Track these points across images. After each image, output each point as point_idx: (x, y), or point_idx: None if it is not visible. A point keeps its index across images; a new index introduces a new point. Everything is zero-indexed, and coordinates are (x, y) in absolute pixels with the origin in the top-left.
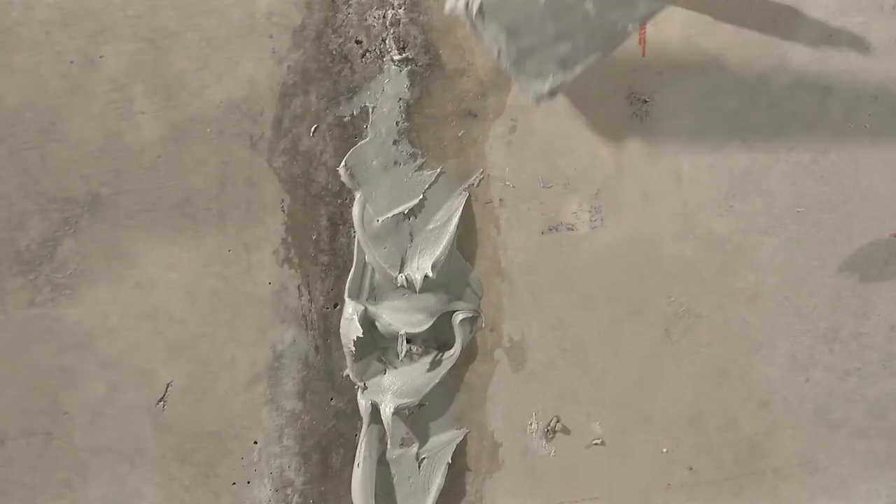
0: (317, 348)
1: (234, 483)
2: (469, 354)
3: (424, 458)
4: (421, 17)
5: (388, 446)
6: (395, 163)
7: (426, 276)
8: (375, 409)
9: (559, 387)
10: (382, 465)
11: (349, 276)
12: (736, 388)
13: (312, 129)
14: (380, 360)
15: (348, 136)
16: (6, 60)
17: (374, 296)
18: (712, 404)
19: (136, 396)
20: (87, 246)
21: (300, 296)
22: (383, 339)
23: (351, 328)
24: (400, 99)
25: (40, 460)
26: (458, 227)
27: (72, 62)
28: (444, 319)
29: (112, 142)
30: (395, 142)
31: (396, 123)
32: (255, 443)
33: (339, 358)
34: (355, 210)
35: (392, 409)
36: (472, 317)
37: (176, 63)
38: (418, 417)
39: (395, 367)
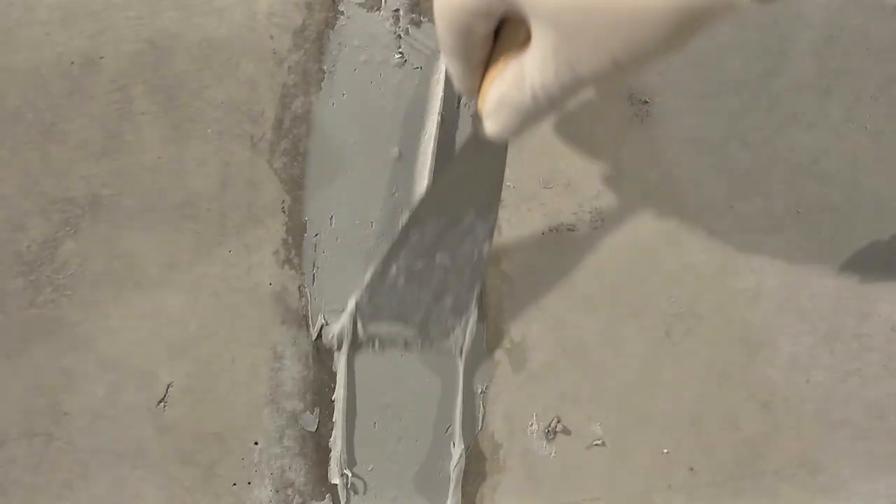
0: (318, 349)
1: (234, 484)
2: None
3: None
4: (421, 18)
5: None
6: None
7: None
8: None
9: (559, 388)
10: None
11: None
12: (736, 389)
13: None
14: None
15: None
16: (7, 61)
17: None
18: (713, 405)
19: (136, 397)
20: (88, 247)
21: (301, 296)
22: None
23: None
24: None
25: (41, 461)
26: None
27: (72, 63)
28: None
29: (113, 142)
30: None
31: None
32: (256, 443)
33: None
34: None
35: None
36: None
37: (176, 64)
38: None
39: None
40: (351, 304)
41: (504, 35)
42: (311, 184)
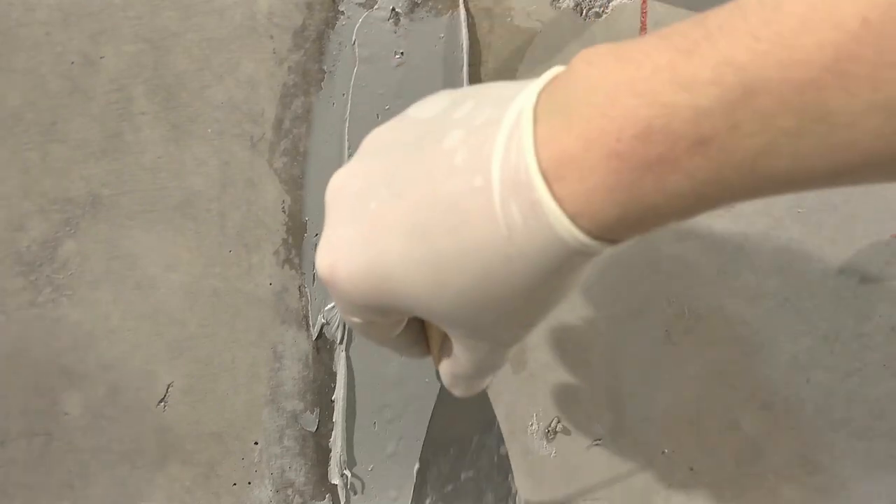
0: (317, 349)
1: (234, 483)
2: None
3: None
4: (423, 18)
5: None
6: None
7: None
8: None
9: (560, 387)
10: None
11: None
12: (736, 389)
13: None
14: None
15: None
16: (7, 61)
17: None
18: (713, 405)
19: (136, 397)
20: (88, 247)
21: (301, 296)
22: None
23: None
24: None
25: (41, 461)
26: None
27: (72, 63)
28: None
29: (112, 142)
30: None
31: None
32: (256, 443)
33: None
34: None
35: None
36: None
37: (176, 64)
38: None
39: None
40: None
41: None
42: (311, 184)
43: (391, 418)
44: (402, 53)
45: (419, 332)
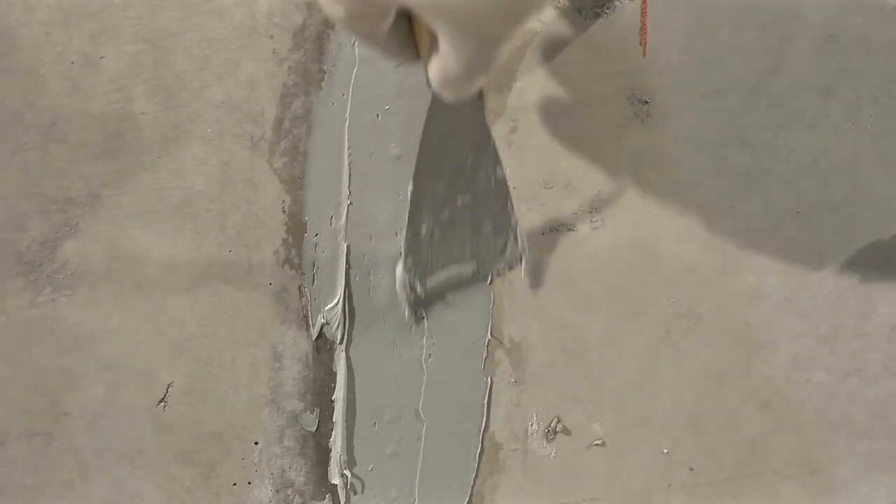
0: (317, 349)
1: (234, 484)
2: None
3: None
4: None
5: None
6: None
7: None
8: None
9: (560, 387)
10: None
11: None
12: (737, 389)
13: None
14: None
15: None
16: (7, 61)
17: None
18: (713, 405)
19: (136, 397)
20: (88, 247)
21: (301, 296)
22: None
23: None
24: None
25: (41, 461)
26: None
27: (72, 63)
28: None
29: (113, 142)
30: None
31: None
32: (256, 443)
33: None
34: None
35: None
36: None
37: (176, 64)
38: None
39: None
40: (399, 272)
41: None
42: (310, 184)
43: (391, 418)
44: None
45: (408, 33)
